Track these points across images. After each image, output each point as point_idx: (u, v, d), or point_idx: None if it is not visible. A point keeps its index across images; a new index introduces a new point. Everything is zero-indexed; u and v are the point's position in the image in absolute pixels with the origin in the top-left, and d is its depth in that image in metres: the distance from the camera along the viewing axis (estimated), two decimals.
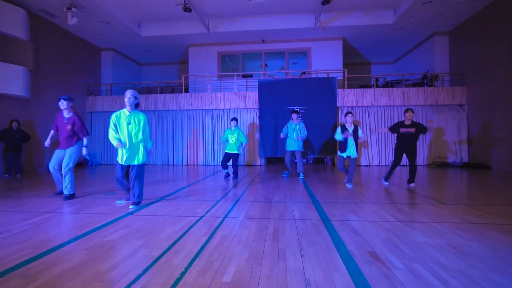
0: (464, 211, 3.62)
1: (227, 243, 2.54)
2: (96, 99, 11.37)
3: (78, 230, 2.94)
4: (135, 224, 3.16)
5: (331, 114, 10.35)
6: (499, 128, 8.63)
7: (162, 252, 2.34)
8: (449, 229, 2.91)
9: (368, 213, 3.59)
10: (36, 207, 4.02)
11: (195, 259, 2.20)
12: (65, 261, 2.17)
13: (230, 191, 5.20)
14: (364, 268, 2.01)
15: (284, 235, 2.74)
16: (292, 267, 2.05)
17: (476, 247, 2.41)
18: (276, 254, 2.29)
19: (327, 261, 2.15)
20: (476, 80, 9.61)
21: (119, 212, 3.70)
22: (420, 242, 2.54)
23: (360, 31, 10.98)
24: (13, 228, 3.02)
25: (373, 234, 2.77)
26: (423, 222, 3.18)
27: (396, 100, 10.24)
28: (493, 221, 3.19)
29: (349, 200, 4.40)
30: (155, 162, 11.20)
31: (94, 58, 12.02)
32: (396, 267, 2.02)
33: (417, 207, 3.91)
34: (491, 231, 2.82)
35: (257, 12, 10.24)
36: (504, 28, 8.22)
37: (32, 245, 2.51)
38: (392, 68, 14.90)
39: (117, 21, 9.74)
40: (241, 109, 10.93)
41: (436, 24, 10.41)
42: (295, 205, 4.07)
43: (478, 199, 4.38)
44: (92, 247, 2.47)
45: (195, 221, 3.27)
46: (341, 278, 1.87)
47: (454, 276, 1.88)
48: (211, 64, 12.31)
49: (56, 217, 3.49)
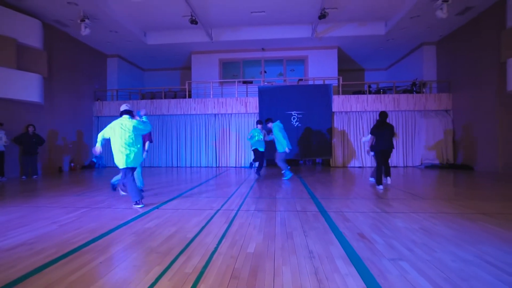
0: (441, 205, 4.28)
1: (245, 228, 3.16)
2: (102, 104, 11.91)
3: (118, 221, 3.53)
4: (163, 216, 3.75)
5: (327, 118, 11.03)
6: (482, 133, 9.37)
7: (194, 235, 2.95)
8: (424, 217, 3.56)
9: (360, 206, 4.23)
10: (70, 203, 4.59)
11: (222, 239, 2.82)
12: (121, 241, 2.77)
13: (238, 190, 5.81)
14: (353, 244, 2.64)
15: (290, 222, 3.37)
16: (299, 243, 2.68)
17: (443, 229, 3.06)
18: (285, 235, 2.91)
19: (325, 239, 2.78)
20: (461, 87, 10.37)
21: (145, 207, 4.28)
22: (399, 226, 3.18)
23: (354, 41, 11.71)
24: (61, 220, 3.60)
25: (362, 221, 3.40)
26: (404, 212, 3.83)
27: (387, 106, 10.96)
28: (462, 211, 3.85)
29: (343, 196, 5.04)
30: (160, 164, 11.76)
31: (101, 64, 12.57)
32: (378, 242, 2.66)
33: (401, 202, 4.56)
34: (458, 219, 3.48)
35: (257, 23, 10.91)
36: (487, 40, 8.97)
37: (87, 231, 3.10)
38: (385, 74, 15.67)
39: (125, 30, 10.33)
40: (242, 114, 11.56)
41: (424, 35, 11.17)
42: (296, 200, 4.70)
43: (455, 195, 5.05)
44: (136, 232, 3.07)
45: (213, 213, 3.88)
46: (336, 250, 2.50)
47: (420, 248, 2.52)
48: (213, 70, 12.93)
49: (92, 211, 4.07)
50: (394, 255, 2.35)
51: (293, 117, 11.14)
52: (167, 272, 2.09)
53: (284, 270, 2.10)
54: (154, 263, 2.25)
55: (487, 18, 8.97)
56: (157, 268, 2.15)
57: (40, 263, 2.27)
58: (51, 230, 3.16)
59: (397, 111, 11.03)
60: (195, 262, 2.26)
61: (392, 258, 2.28)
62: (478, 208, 4.05)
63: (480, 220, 3.41)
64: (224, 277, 2.00)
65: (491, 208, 4.03)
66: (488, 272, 2.04)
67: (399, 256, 2.33)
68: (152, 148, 11.80)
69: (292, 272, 2.06)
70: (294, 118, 11.13)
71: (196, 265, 2.20)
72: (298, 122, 11.13)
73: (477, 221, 3.39)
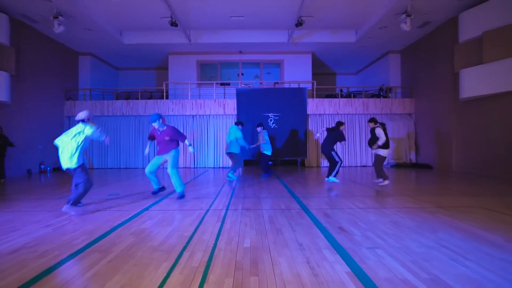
0: (405, 201, 4.85)
1: (237, 226, 3.43)
2: (75, 104, 11.50)
3: (112, 223, 3.63)
4: (156, 217, 3.91)
5: (302, 120, 11.58)
6: (439, 135, 10.40)
7: (191, 233, 3.17)
8: (392, 212, 4.07)
9: (336, 203, 4.68)
10: (54, 207, 4.56)
11: (218, 236, 3.07)
12: (122, 242, 2.92)
13: (221, 190, 6.04)
14: (336, 236, 3.02)
15: (278, 220, 3.70)
16: (288, 237, 3.01)
17: (408, 222, 3.56)
18: (275, 231, 3.23)
19: (311, 233, 3.14)
20: (422, 93, 11.40)
21: (135, 209, 4.39)
22: (372, 220, 3.64)
23: (327, 47, 12.37)
24: (53, 223, 3.63)
25: (340, 217, 3.82)
26: (375, 208, 4.32)
27: (357, 109, 11.74)
28: (423, 206, 4.42)
29: (320, 194, 5.48)
30: (137, 165, 11.59)
31: (72, 62, 12.10)
32: (356, 234, 3.07)
33: (372, 198, 5.09)
34: (420, 212, 4.02)
35: (236, 27, 11.15)
36: (442, 52, 9.98)
37: (85, 233, 3.20)
38: (355, 78, 16.63)
39: (101, 28, 10.09)
40: (220, 115, 11.75)
41: (390, 44, 12.11)
42: (279, 199, 5.05)
43: (417, 192, 5.70)
44: (135, 232, 3.22)
45: (204, 213, 4.10)
46: (322, 242, 2.86)
47: (390, 237, 2.96)
48: (190, 71, 12.96)
49: (84, 214, 4.11)
50: (371, 244, 2.76)
51: (270, 119, 11.55)
52: (176, 267, 2.31)
53: (280, 260, 2.41)
54: (161, 259, 2.46)
55: (442, 32, 9.99)
56: (166, 264, 2.37)
57: (49, 264, 2.38)
58: (47, 233, 3.21)
59: (366, 114, 11.84)
60: (199, 257, 2.50)
61: (369, 247, 2.68)
62: (435, 202, 4.66)
63: (437, 213, 3.97)
64: (229, 268, 2.27)
65: (445, 202, 4.67)
66: (444, 254, 2.50)
67: (374, 245, 2.74)
68: (128, 149, 11.61)
69: (288, 262, 2.38)
70: (271, 120, 11.54)
71: (201, 260, 2.44)
72: (274, 123, 11.56)
73: (434, 213, 3.95)
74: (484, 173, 8.32)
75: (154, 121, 5.02)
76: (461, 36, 8.79)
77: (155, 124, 5.05)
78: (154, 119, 5.01)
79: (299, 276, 2.12)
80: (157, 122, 5.04)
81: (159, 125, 5.08)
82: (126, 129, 11.63)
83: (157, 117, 5.03)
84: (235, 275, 2.16)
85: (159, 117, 5.06)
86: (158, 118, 5.04)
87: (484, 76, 7.94)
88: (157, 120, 5.02)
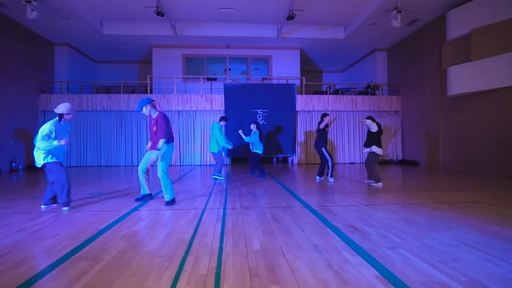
0: (404, 196, 4.74)
1: (240, 226, 3.14)
2: (51, 97, 10.69)
3: (97, 225, 3.23)
4: (148, 218, 3.54)
5: (291, 117, 11.39)
6: (425, 132, 10.56)
7: (191, 235, 2.85)
8: (397, 208, 3.92)
9: (338, 200, 4.49)
10: (29, 208, 4.07)
11: (222, 238, 2.77)
12: (112, 247, 2.55)
13: (214, 188, 5.71)
14: (350, 235, 2.81)
15: (282, 218, 3.44)
16: (299, 237, 2.76)
17: (417, 218, 3.41)
18: (283, 231, 2.97)
19: (322, 233, 2.90)
20: (409, 91, 11.54)
21: (122, 209, 3.99)
22: (381, 217, 3.46)
23: (315, 43, 12.24)
24: (28, 227, 3.18)
25: (347, 214, 3.62)
26: (379, 205, 4.16)
27: (346, 106, 11.71)
28: (424, 202, 4.31)
29: (318, 191, 5.29)
30: (119, 163, 10.97)
31: (47, 53, 11.24)
32: (370, 233, 2.87)
33: (372, 195, 4.95)
34: (424, 208, 3.90)
35: (224, 19, 10.77)
36: (429, 50, 10.10)
37: (66, 238, 2.79)
38: (341, 76, 16.67)
39: (79, 17, 9.38)
40: (207, 111, 11.35)
41: (378, 42, 12.15)
42: (277, 197, 4.79)
43: (412, 188, 5.63)
44: (126, 236, 2.85)
45: (200, 213, 3.77)
46: (337, 242, 2.63)
47: (408, 236, 2.78)
48: (175, 66, 12.43)
49: (61, 216, 3.66)
50: (390, 243, 2.56)
51: (259, 115, 11.28)
52: (181, 275, 2.00)
53: (299, 264, 2.15)
54: (162, 267, 2.13)
55: (429, 30, 10.11)
56: (168, 273, 2.04)
57: (27, 276, 1.99)
58: (21, 239, 2.77)
59: (354, 111, 11.84)
60: (205, 263, 2.19)
61: (390, 247, 2.48)
62: (434, 198, 4.58)
63: (440, 208, 3.87)
64: (243, 275, 1.98)
65: (444, 198, 4.61)
66: (470, 252, 2.34)
67: (395, 244, 2.54)
68: (109, 146, 10.97)
69: (308, 266, 2.12)
70: (259, 116, 11.28)
71: (209, 266, 2.14)
72: (263, 120, 11.30)
73: (438, 209, 3.84)
74: (471, 169, 8.48)
75: (141, 109, 4.11)
76: (449, 34, 8.90)
77: (144, 112, 4.13)
78: (141, 105, 4.09)
79: (326, 283, 1.87)
80: (144, 109, 4.10)
81: (149, 111, 4.13)
82: (107, 125, 10.96)
83: (146, 102, 4.09)
84: (252, 283, 1.87)
85: (149, 102, 4.11)
86: (147, 102, 4.09)
87: (472, 74, 8.06)
88: (144, 106, 4.09)
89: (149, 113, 4.16)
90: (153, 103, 4.18)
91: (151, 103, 4.15)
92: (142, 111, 4.14)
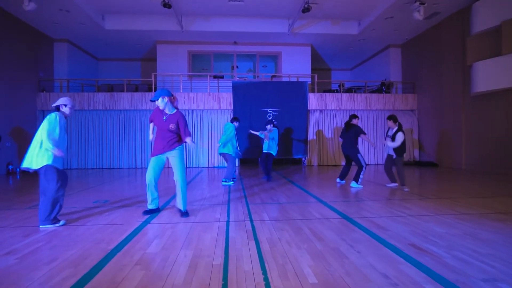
0: (451, 204, 4.18)
1: (279, 246, 2.59)
2: (50, 96, 10.14)
3: (105, 245, 2.68)
4: (163, 234, 2.99)
5: (303, 116, 10.85)
6: (445, 131, 10.01)
7: (223, 260, 2.30)
8: (451, 219, 3.38)
9: (377, 209, 3.94)
10: (23, 220, 3.52)
11: (263, 264, 2.21)
12: (126, 278, 2.00)
13: (230, 194, 5.16)
14: (420, 259, 2.26)
15: (324, 235, 2.89)
16: (358, 262, 2.21)
17: (485, 234, 2.86)
18: (333, 252, 2.42)
19: (383, 255, 2.35)
20: (425, 88, 10.99)
21: (130, 221, 3.45)
22: (441, 233, 2.91)
23: (327, 39, 11.70)
24: (19, 248, 2.62)
25: (398, 228, 3.07)
26: (427, 215, 3.61)
27: (360, 105, 11.16)
28: (478, 211, 3.76)
29: (350, 198, 4.74)
30: (122, 165, 10.42)
31: (46, 49, 10.70)
32: (443, 256, 2.32)
33: (409, 202, 4.39)
34: (483, 219, 3.35)
35: (232, 13, 10.23)
36: (450, 44, 9.56)
37: (67, 265, 2.24)
38: (350, 74, 16.13)
39: (80, 10, 8.85)
40: (215, 110, 10.81)
41: (392, 37, 11.61)
42: (306, 205, 4.24)
43: (452, 193, 5.08)
44: (141, 261, 2.30)
45: (225, 226, 3.22)
46: (410, 270, 2.08)
47: (491, 259, 2.23)
48: (181, 63, 11.89)
49: (61, 231, 3.12)
50: (481, 273, 2.02)
51: (269, 115, 10.75)
52: None
53: None
54: None
55: (448, 24, 9.56)
56: None
57: None
58: (8, 267, 2.22)
59: (368, 110, 11.29)
60: None
61: (485, 279, 1.93)
62: (485, 206, 4.04)
63: (502, 220, 3.32)
64: None
65: (495, 205, 4.09)
66: None
67: (487, 275, 1.99)
68: (112, 148, 10.42)
69: None
70: (269, 115, 10.74)
71: None
72: (273, 119, 10.75)
73: (501, 221, 3.30)
74: (501, 171, 7.92)
75: (156, 98, 3.46)
76: (474, 27, 8.35)
77: (159, 103, 3.50)
78: (157, 96, 3.46)
79: None
80: (161, 100, 3.46)
81: (165, 105, 3.50)
82: (109, 124, 10.41)
83: (165, 93, 3.49)
84: None
85: (168, 94, 3.51)
86: (166, 94, 3.49)
87: (503, 69, 7.51)
88: (162, 97, 3.46)
89: (164, 106, 3.51)
90: (172, 97, 3.60)
91: (170, 97, 3.56)
92: (157, 101, 3.50)
